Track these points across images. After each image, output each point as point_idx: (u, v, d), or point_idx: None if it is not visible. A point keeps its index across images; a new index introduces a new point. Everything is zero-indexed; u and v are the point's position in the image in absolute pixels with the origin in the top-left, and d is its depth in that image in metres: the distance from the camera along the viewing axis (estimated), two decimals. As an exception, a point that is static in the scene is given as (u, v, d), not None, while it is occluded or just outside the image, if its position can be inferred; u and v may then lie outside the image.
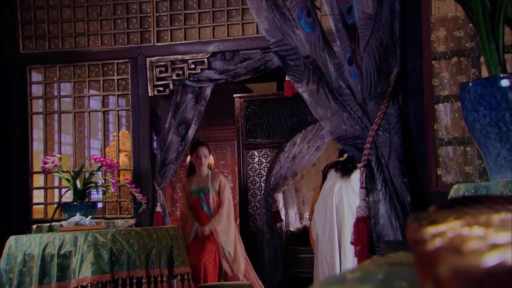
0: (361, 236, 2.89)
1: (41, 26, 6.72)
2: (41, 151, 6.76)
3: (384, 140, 2.87)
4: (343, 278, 0.97)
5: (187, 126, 6.53)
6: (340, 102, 2.95)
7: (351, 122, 2.92)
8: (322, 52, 2.96)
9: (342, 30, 2.95)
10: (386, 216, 2.81)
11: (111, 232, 4.21)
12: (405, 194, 2.83)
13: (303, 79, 2.99)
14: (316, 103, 2.99)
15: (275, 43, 3.04)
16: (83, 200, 5.95)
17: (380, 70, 2.86)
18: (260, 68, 6.32)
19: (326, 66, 2.97)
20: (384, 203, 2.82)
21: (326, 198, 6.63)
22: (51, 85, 6.76)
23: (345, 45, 2.95)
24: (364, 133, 2.93)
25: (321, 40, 2.99)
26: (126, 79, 6.55)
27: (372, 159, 2.88)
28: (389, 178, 2.82)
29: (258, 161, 7.87)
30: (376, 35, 2.83)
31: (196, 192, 6.56)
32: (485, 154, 2.14)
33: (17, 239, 4.34)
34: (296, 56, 2.99)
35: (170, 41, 6.48)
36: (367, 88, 2.87)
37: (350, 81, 2.94)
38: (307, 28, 2.96)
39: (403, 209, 2.82)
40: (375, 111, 2.90)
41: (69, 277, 4.13)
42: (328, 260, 6.48)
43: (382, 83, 2.87)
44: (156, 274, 4.28)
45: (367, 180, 2.93)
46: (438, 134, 2.91)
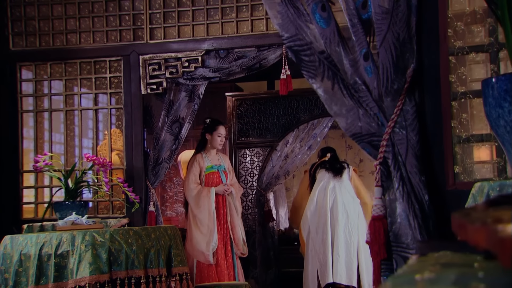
0: (377, 236, 2.83)
1: (32, 23, 6.62)
2: (31, 150, 6.67)
3: (401, 137, 2.82)
4: (411, 279, 0.93)
5: (180, 125, 6.46)
6: (355, 98, 2.90)
7: (367, 119, 2.87)
8: (337, 47, 2.91)
9: (358, 25, 2.90)
10: (404, 215, 2.76)
11: (109, 232, 4.13)
12: (423, 193, 2.79)
13: (317, 75, 2.94)
14: (331, 100, 2.94)
15: (288, 38, 2.98)
16: (75, 199, 5.87)
17: (397, 65, 2.81)
18: (255, 66, 6.27)
19: (341, 62, 2.92)
20: (401, 202, 2.77)
21: (320, 198, 6.67)
22: (41, 83, 6.66)
23: (360, 40, 2.90)
24: (380, 130, 2.88)
25: (336, 35, 2.94)
26: (119, 77, 6.47)
27: (389, 157, 2.83)
28: (406, 176, 2.78)
29: (250, 160, 7.81)
30: (393, 30, 2.79)
31: (214, 167, 6.51)
32: (509, 152, 2.10)
33: (13, 238, 4.25)
34: (310, 51, 2.94)
35: (163, 38, 6.41)
36: (384, 84, 2.82)
37: (365, 77, 2.89)
38: (322, 22, 2.91)
39: (421, 208, 2.77)
40: (391, 107, 2.85)
41: (66, 277, 4.06)
42: (320, 259, 6.49)
43: (399, 79, 2.82)
44: (154, 274, 4.22)
45: (383, 178, 2.89)
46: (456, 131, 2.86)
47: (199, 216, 6.22)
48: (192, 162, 6.43)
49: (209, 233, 6.18)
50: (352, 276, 6.50)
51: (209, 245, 6.14)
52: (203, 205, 6.26)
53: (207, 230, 6.18)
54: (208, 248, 6.12)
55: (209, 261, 6.14)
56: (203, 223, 6.20)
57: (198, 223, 6.22)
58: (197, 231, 6.19)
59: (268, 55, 6.20)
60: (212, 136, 6.46)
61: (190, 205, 6.33)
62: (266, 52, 6.20)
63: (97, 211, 6.48)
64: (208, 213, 6.22)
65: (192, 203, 6.28)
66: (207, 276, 6.17)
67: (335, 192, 6.69)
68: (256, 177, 7.80)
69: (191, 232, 6.23)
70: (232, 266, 6.35)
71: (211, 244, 6.17)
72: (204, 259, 6.13)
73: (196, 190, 6.30)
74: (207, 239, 6.15)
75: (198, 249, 6.13)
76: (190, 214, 6.31)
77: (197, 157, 6.42)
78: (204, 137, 6.49)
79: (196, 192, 6.30)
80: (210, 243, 6.16)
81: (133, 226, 6.10)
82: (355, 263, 6.53)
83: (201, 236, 6.16)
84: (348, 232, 6.58)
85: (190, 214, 6.31)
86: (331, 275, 6.41)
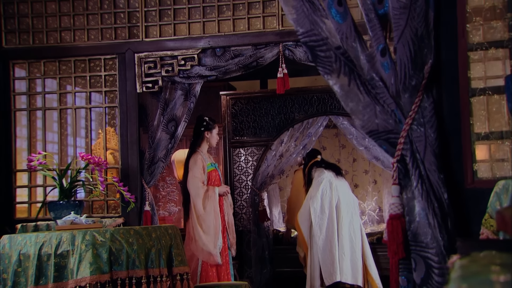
0: (395, 234, 2.79)
1: (25, 20, 6.54)
2: (24, 149, 6.58)
3: (419, 135, 2.78)
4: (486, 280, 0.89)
5: (176, 124, 6.40)
6: (372, 95, 2.86)
7: (384, 116, 2.84)
8: (353, 42, 2.87)
9: (375, 19, 2.86)
10: (423, 214, 2.72)
11: (110, 231, 4.07)
12: (442, 191, 2.75)
13: (334, 71, 2.89)
14: (347, 96, 2.90)
15: (303, 33, 2.93)
16: (70, 199, 5.80)
17: (415, 61, 2.78)
18: (252, 65, 6.23)
19: (358, 58, 2.88)
20: (420, 200, 2.73)
21: (325, 196, 6.65)
22: (34, 81, 6.58)
23: (377, 35, 2.86)
24: (398, 127, 2.84)
25: (353, 30, 2.90)
26: (114, 75, 6.41)
27: (407, 154, 2.79)
28: (425, 174, 2.74)
29: (245, 159, 7.77)
30: (411, 25, 2.75)
31: (213, 165, 6.46)
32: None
33: (11, 238, 4.18)
34: (326, 47, 2.89)
35: (159, 36, 6.35)
36: (401, 80, 2.79)
37: (382, 73, 2.85)
38: (338, 17, 2.86)
39: (440, 207, 2.73)
40: (409, 104, 2.81)
41: (66, 278, 3.99)
42: (326, 257, 6.43)
43: (417, 75, 2.79)
44: (155, 274, 4.16)
45: (400, 176, 2.85)
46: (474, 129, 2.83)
47: (204, 217, 6.12)
48: (195, 160, 6.30)
49: (215, 234, 6.11)
50: (358, 275, 6.50)
51: (216, 245, 6.08)
52: (209, 205, 6.16)
53: (214, 231, 6.11)
54: (215, 249, 6.05)
55: (218, 261, 6.07)
56: (209, 224, 6.11)
57: (204, 224, 6.12)
58: (203, 232, 6.10)
59: (265, 54, 6.17)
60: (212, 134, 6.40)
61: (194, 204, 6.17)
62: (263, 51, 6.16)
63: (91, 210, 6.41)
64: (214, 214, 6.15)
65: (197, 203, 6.15)
66: (211, 276, 6.12)
67: (338, 191, 6.73)
68: (251, 177, 7.76)
69: (197, 233, 6.11)
70: (228, 264, 6.31)
71: (218, 245, 6.11)
72: (212, 260, 6.05)
73: (203, 189, 6.20)
74: (213, 240, 6.08)
75: (205, 250, 6.05)
76: (194, 213, 6.18)
77: (198, 155, 6.33)
78: (202, 135, 6.40)
79: (203, 192, 6.21)
80: (217, 243, 6.11)
81: (128, 225, 6.04)
82: (360, 261, 6.54)
83: (207, 237, 6.07)
84: (353, 231, 6.59)
85: (194, 214, 6.18)
86: (338, 274, 6.38)
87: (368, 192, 9.03)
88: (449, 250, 2.66)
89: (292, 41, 6.10)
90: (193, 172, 6.26)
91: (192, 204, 6.21)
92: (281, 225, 8.80)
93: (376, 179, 9.01)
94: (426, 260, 2.70)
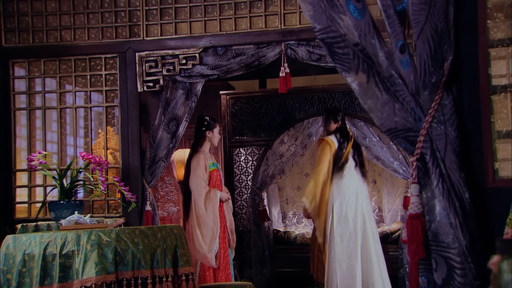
0: (415, 234, 2.76)
1: (25, 19, 6.49)
2: (23, 149, 6.54)
3: (439, 133, 2.75)
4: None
5: (177, 123, 6.36)
6: (391, 92, 2.83)
7: (403, 114, 2.80)
8: (372, 39, 2.84)
9: (393, 16, 2.83)
10: (444, 214, 2.69)
11: (115, 231, 4.03)
12: (463, 190, 2.72)
13: (352, 68, 2.86)
14: (365, 94, 2.87)
15: (321, 30, 2.90)
16: (70, 198, 5.76)
17: (435, 58, 2.75)
18: (254, 64, 6.20)
19: (376, 55, 2.85)
20: (441, 200, 2.70)
21: (349, 203, 6.19)
22: (33, 81, 6.53)
23: (396, 32, 2.83)
24: (417, 125, 2.81)
25: (371, 26, 2.87)
26: (114, 74, 6.37)
27: (426, 153, 2.76)
28: (446, 173, 2.71)
29: (245, 159, 7.75)
30: (431, 21, 2.72)
31: (214, 165, 6.41)
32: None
33: (15, 238, 4.14)
34: (344, 43, 2.86)
35: (160, 35, 6.32)
36: (421, 78, 2.76)
37: (402, 70, 2.82)
38: (356, 13, 2.84)
39: (461, 206, 2.70)
40: (429, 102, 2.78)
41: (72, 278, 3.95)
42: (343, 269, 6.04)
43: (437, 72, 2.76)
44: (161, 274, 4.12)
45: (420, 175, 2.82)
46: (495, 127, 2.79)
47: (204, 218, 6.08)
48: (198, 159, 6.25)
49: (212, 237, 6.07)
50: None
51: (212, 248, 6.04)
52: (210, 207, 6.12)
53: (211, 233, 6.07)
54: (210, 252, 6.01)
55: (212, 264, 6.03)
56: (207, 226, 6.06)
57: (202, 225, 6.08)
58: (200, 233, 6.06)
59: (267, 53, 6.14)
60: (213, 133, 6.36)
61: (195, 203, 6.13)
62: (265, 50, 6.14)
63: (92, 210, 6.36)
64: (214, 216, 6.10)
65: (199, 203, 6.10)
66: (207, 276, 6.09)
67: (361, 198, 6.27)
68: (251, 176, 7.73)
69: (195, 233, 6.08)
70: (229, 265, 6.27)
71: (214, 248, 6.07)
72: (207, 262, 6.01)
73: (206, 190, 6.15)
74: (209, 242, 6.04)
75: (200, 252, 6.01)
76: (193, 213, 6.15)
77: (200, 155, 6.28)
78: (203, 135, 6.36)
79: (205, 192, 6.17)
80: (213, 247, 6.06)
81: (129, 225, 6.00)
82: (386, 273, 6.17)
83: (204, 239, 6.03)
84: (377, 242, 6.22)
85: (193, 214, 6.15)
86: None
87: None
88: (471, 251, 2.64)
89: (294, 40, 6.08)
90: (195, 172, 6.22)
91: (193, 203, 6.17)
92: (281, 225, 8.78)
93: (376, 179, 8.99)
94: (448, 261, 2.67)
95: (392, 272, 7.37)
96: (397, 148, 7.18)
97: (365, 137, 7.33)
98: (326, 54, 6.03)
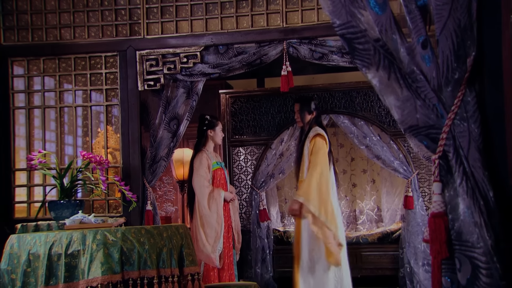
0: (438, 234, 2.72)
1: (24, 17, 6.45)
2: (22, 148, 6.48)
3: (462, 130, 2.72)
4: None
5: (178, 122, 6.32)
6: (413, 89, 2.79)
7: (425, 111, 2.77)
8: (393, 34, 2.80)
9: (415, 11, 2.80)
10: (468, 212, 2.65)
11: (121, 231, 3.98)
12: (487, 188, 2.68)
13: (373, 64, 2.83)
14: (386, 90, 2.83)
15: (340, 25, 2.86)
16: (70, 198, 5.72)
17: (458, 54, 2.71)
18: (255, 62, 6.18)
19: (398, 50, 2.81)
20: (465, 198, 2.66)
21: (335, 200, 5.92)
22: (32, 79, 6.47)
23: (418, 27, 2.79)
24: (440, 122, 2.78)
25: (393, 21, 2.84)
26: (115, 73, 6.33)
27: (449, 150, 2.72)
28: (470, 171, 2.67)
29: (245, 158, 7.70)
30: (454, 16, 2.69)
31: (218, 164, 6.35)
32: None
33: (20, 238, 4.08)
34: (365, 39, 2.83)
35: (161, 33, 6.29)
36: (443, 74, 2.72)
37: (423, 66, 2.78)
38: (377, 8, 2.80)
39: (486, 205, 2.67)
40: (451, 98, 2.74)
41: (77, 278, 3.90)
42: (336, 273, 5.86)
43: (460, 68, 2.72)
44: (167, 274, 4.07)
45: (442, 173, 2.78)
46: (520, 123, 2.78)
47: (208, 218, 6.03)
48: (200, 159, 6.19)
49: (216, 237, 6.02)
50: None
51: (215, 248, 6.00)
52: (213, 207, 6.06)
53: (215, 233, 6.02)
54: (214, 252, 5.96)
55: (216, 265, 5.98)
56: (211, 226, 6.01)
57: (206, 225, 6.03)
58: (204, 233, 6.00)
59: (269, 51, 6.12)
60: (215, 132, 6.30)
61: (198, 203, 6.08)
62: (267, 48, 6.11)
63: (92, 210, 6.32)
64: (217, 216, 6.04)
65: (202, 202, 6.04)
66: (212, 277, 6.05)
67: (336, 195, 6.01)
68: (251, 176, 7.69)
69: (199, 233, 6.03)
70: (232, 265, 6.24)
71: (217, 248, 6.03)
72: (211, 262, 5.97)
73: (209, 189, 6.09)
74: (213, 242, 5.99)
75: (204, 252, 5.97)
76: (197, 213, 6.10)
77: (203, 154, 6.23)
78: (205, 134, 6.31)
79: (209, 192, 6.10)
80: (217, 247, 6.02)
81: (129, 225, 5.96)
82: None
83: (208, 239, 5.98)
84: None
85: (197, 213, 6.10)
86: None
87: (366, 191, 8.98)
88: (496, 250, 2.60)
89: (296, 38, 6.06)
90: (198, 171, 6.17)
91: (197, 203, 6.13)
92: (279, 225, 8.74)
93: (375, 178, 8.96)
94: (472, 260, 2.63)
95: (392, 272, 7.37)
96: (398, 147, 7.15)
97: (365, 136, 7.30)
98: (328, 52, 6.02)
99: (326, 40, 5.99)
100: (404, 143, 7.11)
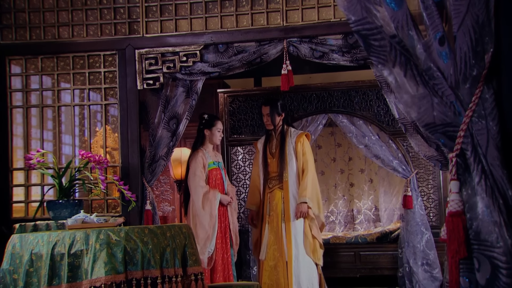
0: (456, 233, 2.69)
1: (22, 15, 6.40)
2: (19, 147, 6.43)
3: (480, 128, 2.69)
4: None
5: (177, 121, 6.28)
6: (430, 86, 2.76)
7: (442, 108, 2.73)
8: (410, 31, 2.77)
9: (432, 6, 2.77)
10: (487, 212, 2.61)
11: (125, 230, 3.94)
12: (506, 187, 2.65)
13: (389, 61, 2.80)
14: (402, 87, 2.80)
15: (355, 22, 2.83)
16: (69, 197, 5.68)
17: (476, 50, 2.68)
18: (255, 61, 6.15)
19: (414, 47, 2.78)
20: (484, 197, 2.62)
21: None
22: (29, 78, 6.42)
23: (435, 23, 2.76)
24: (457, 120, 2.74)
25: (409, 18, 2.81)
26: (114, 71, 6.29)
27: (467, 148, 2.69)
28: (488, 169, 2.64)
29: (243, 157, 7.67)
30: (472, 12, 2.66)
31: (215, 164, 6.29)
32: None
33: (22, 237, 4.03)
34: (381, 35, 2.80)
35: (160, 32, 6.25)
36: (461, 71, 2.69)
37: (440, 63, 2.75)
38: (393, 4, 2.77)
39: (505, 204, 2.63)
40: (469, 95, 2.71)
41: (80, 278, 3.86)
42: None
43: (478, 65, 2.69)
44: (170, 274, 4.03)
45: (460, 172, 2.75)
46: (538, 121, 2.74)
47: (200, 219, 5.98)
48: (196, 158, 6.16)
49: (207, 238, 5.96)
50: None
51: (204, 250, 5.93)
52: (207, 208, 6.01)
53: (205, 235, 5.96)
54: (203, 253, 5.88)
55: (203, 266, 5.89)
56: (203, 226, 5.96)
57: (198, 225, 5.98)
58: (195, 232, 5.97)
59: (269, 50, 6.09)
60: (212, 131, 6.25)
61: (193, 202, 6.05)
62: (267, 47, 6.08)
63: (90, 210, 6.27)
64: (210, 217, 5.98)
65: (196, 202, 6.00)
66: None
67: None
68: (249, 175, 7.66)
69: None
70: (230, 266, 6.20)
71: (207, 250, 5.97)
72: None
73: (205, 189, 6.04)
74: (202, 244, 5.94)
75: None
76: (191, 212, 6.08)
77: (199, 153, 6.18)
78: (202, 133, 6.27)
79: (204, 192, 6.05)
80: (206, 249, 5.96)
81: (129, 225, 5.92)
82: None
83: (197, 240, 5.93)
84: None
85: (191, 212, 6.08)
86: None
87: (364, 191, 8.98)
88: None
89: (297, 37, 6.03)
90: (193, 170, 6.13)
91: (191, 203, 6.10)
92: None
93: (372, 177, 8.97)
94: (492, 260, 2.60)
95: (391, 272, 7.36)
96: (397, 147, 7.14)
97: (364, 135, 7.28)
98: (329, 51, 6.00)
99: (327, 38, 5.97)
100: (403, 142, 7.10)
